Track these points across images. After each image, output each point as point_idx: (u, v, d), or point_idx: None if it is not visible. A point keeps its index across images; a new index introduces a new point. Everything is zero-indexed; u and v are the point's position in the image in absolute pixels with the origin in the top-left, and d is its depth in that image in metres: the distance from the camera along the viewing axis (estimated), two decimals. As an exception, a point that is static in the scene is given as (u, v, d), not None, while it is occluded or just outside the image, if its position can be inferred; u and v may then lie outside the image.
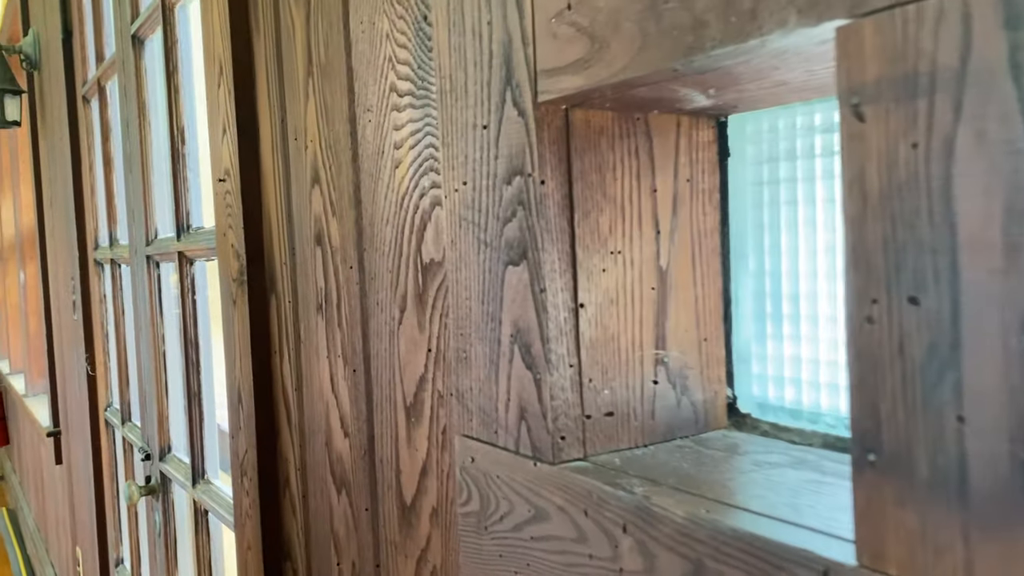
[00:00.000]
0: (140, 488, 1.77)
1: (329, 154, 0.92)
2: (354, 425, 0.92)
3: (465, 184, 0.64)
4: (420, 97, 0.74)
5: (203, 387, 1.56)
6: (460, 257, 0.65)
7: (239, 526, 1.21)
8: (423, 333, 0.77)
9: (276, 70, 1.04)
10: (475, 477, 0.65)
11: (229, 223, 1.16)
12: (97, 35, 2.13)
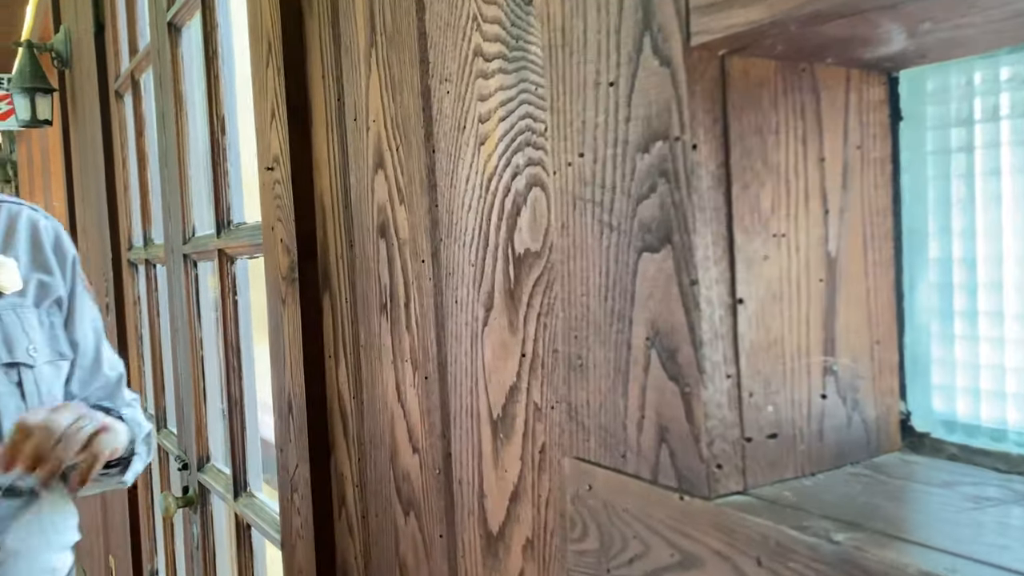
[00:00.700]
0: (177, 499, 1.68)
1: (396, 134, 0.82)
2: (425, 440, 0.81)
3: (582, 156, 0.53)
4: (514, 60, 0.63)
5: (244, 394, 1.46)
6: (574, 244, 0.54)
7: (288, 546, 1.11)
8: (515, 335, 0.66)
9: (332, 44, 0.94)
10: (593, 509, 0.54)
11: (278, 216, 1.06)
12: (130, 26, 2.05)
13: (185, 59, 1.62)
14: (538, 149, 0.61)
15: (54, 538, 1.04)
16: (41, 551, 1.01)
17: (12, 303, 1.01)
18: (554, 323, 0.61)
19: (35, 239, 1.07)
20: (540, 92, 0.60)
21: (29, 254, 1.06)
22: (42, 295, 1.05)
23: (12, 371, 0.97)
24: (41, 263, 1.07)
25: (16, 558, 0.97)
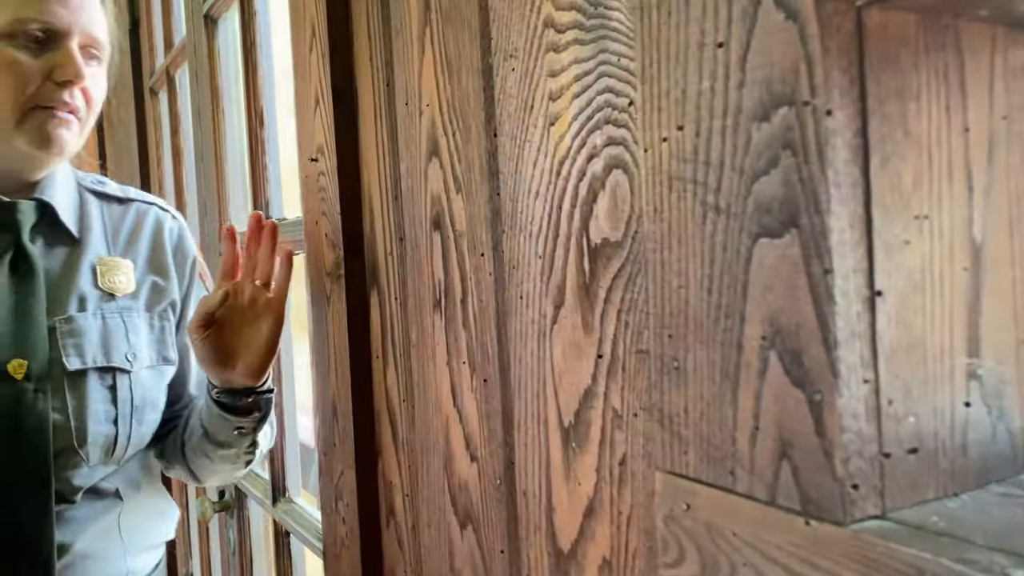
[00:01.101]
0: (213, 504, 1.64)
1: (453, 118, 0.76)
2: (484, 447, 0.75)
3: (681, 129, 0.46)
4: (592, 29, 0.57)
5: (284, 396, 1.41)
6: (669, 231, 0.48)
7: (332, 556, 1.05)
8: (590, 335, 0.60)
9: (381, 25, 0.88)
10: (691, 531, 0.48)
11: (323, 209, 1.01)
12: (165, 21, 2.02)
13: (222, 52, 1.59)
14: (620, 127, 0.55)
15: (134, 541, 1.01)
16: (116, 556, 0.98)
17: (122, 306, 0.99)
18: (638, 320, 0.54)
19: (157, 240, 1.06)
20: (623, 63, 0.54)
21: (148, 256, 1.05)
22: (155, 299, 1.04)
23: (107, 375, 0.95)
24: (158, 266, 1.05)
25: (86, 561, 0.95)
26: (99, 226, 1.03)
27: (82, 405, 0.93)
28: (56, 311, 0.95)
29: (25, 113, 0.90)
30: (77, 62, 0.91)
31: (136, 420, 0.98)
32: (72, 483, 0.94)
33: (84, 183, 1.06)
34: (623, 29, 0.54)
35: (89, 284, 0.98)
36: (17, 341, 0.91)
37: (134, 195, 1.09)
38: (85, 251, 1.00)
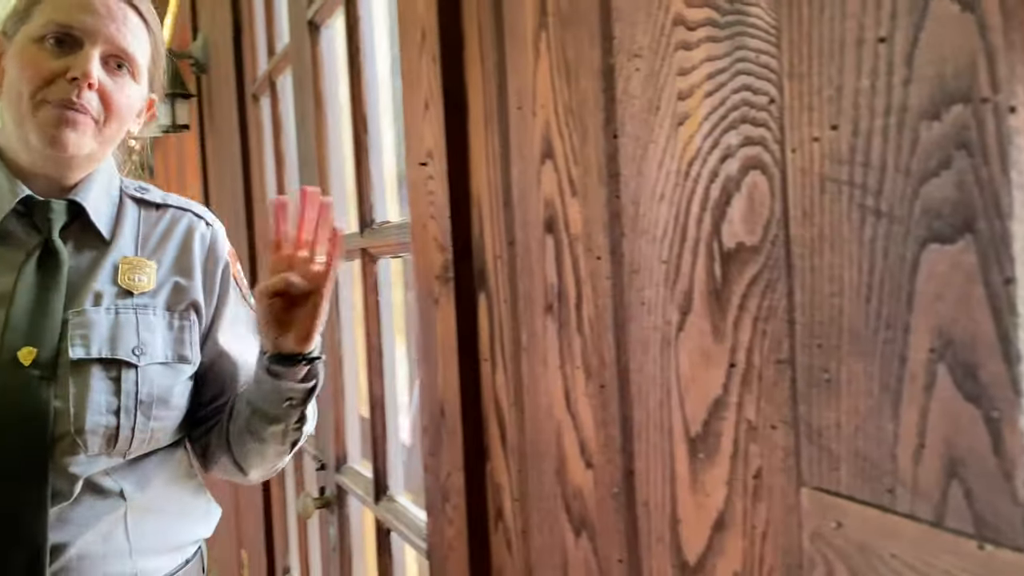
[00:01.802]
0: (315, 500, 1.67)
1: (569, 119, 0.75)
2: (601, 454, 0.74)
3: (835, 129, 0.44)
4: (726, 25, 0.55)
5: (386, 395, 1.43)
6: (820, 235, 0.46)
7: (439, 557, 1.06)
8: (721, 343, 0.58)
9: (493, 29, 0.88)
10: (842, 550, 0.45)
11: (431, 213, 1.01)
12: (268, 28, 2.07)
13: (325, 58, 1.62)
14: (759, 126, 0.53)
15: (145, 542, 1.01)
16: (119, 557, 0.98)
17: (138, 303, 1.02)
18: (778, 329, 0.52)
19: (186, 244, 1.09)
20: (763, 60, 0.52)
21: (174, 258, 1.07)
22: (176, 299, 1.06)
23: (111, 367, 0.97)
24: (184, 268, 1.08)
25: (83, 562, 0.95)
26: (131, 229, 1.06)
27: (82, 393, 0.95)
28: (73, 305, 0.98)
29: (37, 106, 0.94)
30: (90, 63, 0.95)
31: (142, 414, 0.99)
32: (69, 471, 0.94)
33: (127, 190, 1.09)
34: (763, 25, 0.52)
35: (107, 281, 1.01)
36: (31, 331, 0.95)
37: (172, 201, 1.12)
38: (112, 251, 1.03)
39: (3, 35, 0.99)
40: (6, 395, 0.92)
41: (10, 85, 0.96)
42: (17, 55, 0.96)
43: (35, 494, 0.92)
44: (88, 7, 0.96)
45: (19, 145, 0.99)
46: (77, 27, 0.95)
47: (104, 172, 1.05)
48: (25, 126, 0.96)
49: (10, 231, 0.98)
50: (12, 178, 0.99)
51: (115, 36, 0.97)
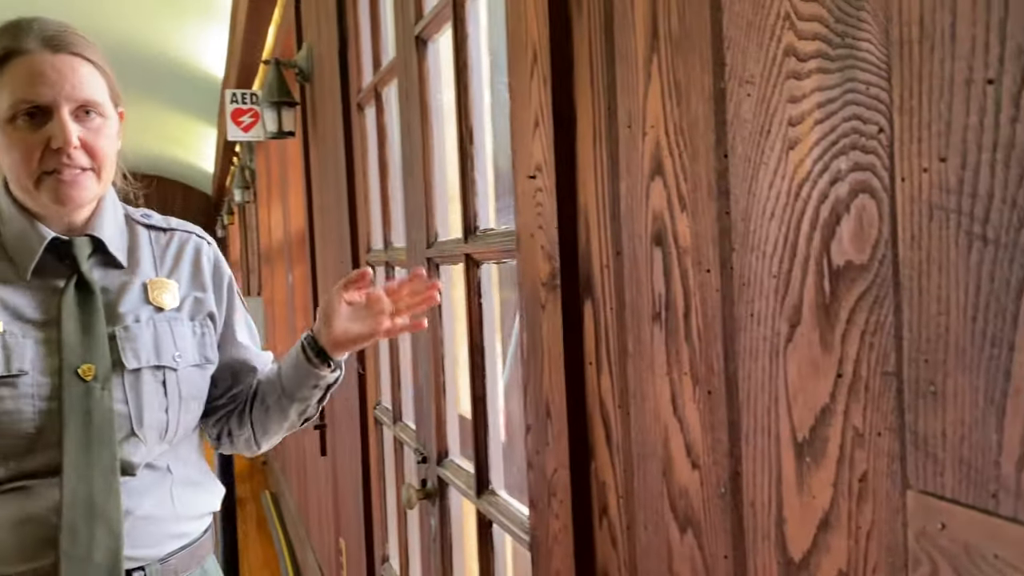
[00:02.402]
0: (418, 492, 1.76)
1: (679, 140, 0.80)
2: (707, 456, 0.78)
3: (943, 161, 0.48)
4: (837, 58, 0.59)
5: (488, 393, 1.50)
6: (928, 258, 0.49)
7: (544, 550, 1.12)
8: (829, 354, 0.62)
9: (603, 52, 0.93)
10: (947, 550, 0.49)
11: (539, 223, 1.07)
12: (374, 42, 2.18)
13: (432, 71, 1.70)
14: (868, 153, 0.57)
15: (184, 509, 1.21)
16: (169, 520, 1.19)
17: (168, 316, 1.21)
18: (885, 343, 0.56)
19: (196, 263, 1.29)
20: (873, 92, 0.56)
21: (190, 275, 1.27)
22: (196, 310, 1.26)
23: (159, 372, 1.17)
24: (199, 283, 1.28)
25: (147, 524, 1.15)
26: (147, 253, 1.24)
27: (139, 397, 1.14)
28: (115, 322, 1.16)
29: (38, 180, 1.10)
30: (66, 129, 1.08)
31: (184, 409, 1.20)
32: (133, 460, 1.14)
33: (133, 216, 1.27)
34: (874, 60, 0.55)
35: (141, 301, 1.19)
36: (85, 349, 1.12)
37: (175, 225, 1.30)
38: (136, 273, 1.21)
39: None
40: (76, 405, 1.09)
41: (3, 160, 1.12)
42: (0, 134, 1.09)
43: (110, 483, 1.11)
44: (43, 78, 1.08)
45: (31, 202, 1.14)
46: (40, 100, 1.08)
47: (109, 203, 1.22)
48: (33, 195, 1.12)
49: (45, 266, 1.15)
50: (33, 221, 1.15)
51: (75, 92, 1.10)
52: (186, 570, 1.21)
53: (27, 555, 1.09)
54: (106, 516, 1.10)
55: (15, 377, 1.08)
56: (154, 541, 1.16)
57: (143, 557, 1.14)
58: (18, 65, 1.08)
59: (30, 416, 1.08)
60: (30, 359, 1.09)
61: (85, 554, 1.08)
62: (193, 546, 1.23)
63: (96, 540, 1.09)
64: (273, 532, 5.90)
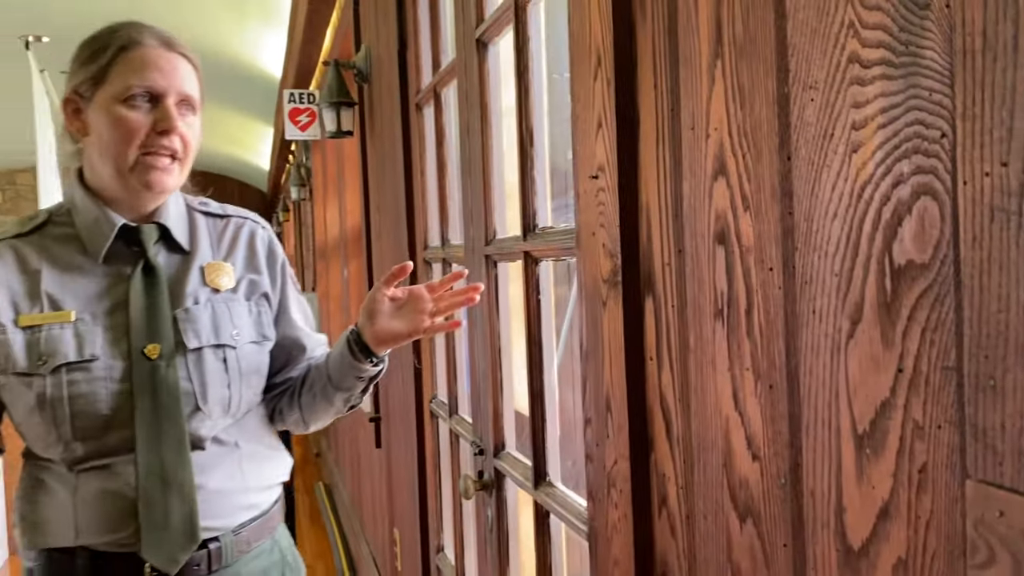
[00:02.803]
0: (475, 483, 1.80)
1: (743, 142, 0.82)
2: (768, 448, 0.81)
3: (1005, 166, 0.50)
4: (901, 66, 0.61)
5: (545, 387, 1.54)
6: (988, 258, 0.52)
7: (603, 538, 1.15)
8: (890, 350, 0.64)
9: (667, 56, 0.96)
10: (1005, 537, 0.51)
11: (601, 222, 1.11)
12: (434, 44, 2.23)
13: (491, 73, 1.74)
14: (930, 157, 0.59)
15: (253, 481, 1.28)
16: (240, 492, 1.26)
17: (225, 297, 1.29)
18: (945, 339, 0.58)
19: (251, 246, 1.37)
20: (936, 98, 0.58)
21: (245, 258, 1.35)
22: (252, 291, 1.33)
23: (219, 350, 1.24)
24: (253, 266, 1.35)
25: (219, 496, 1.23)
26: (206, 237, 1.32)
27: (202, 374, 1.22)
28: (177, 304, 1.23)
29: (136, 162, 1.19)
30: (173, 115, 1.19)
31: (245, 384, 1.27)
32: (201, 434, 1.22)
33: (192, 205, 1.35)
34: (937, 68, 0.58)
35: (199, 283, 1.27)
36: (151, 329, 1.20)
37: (231, 211, 1.39)
38: (195, 258, 1.29)
39: (78, 96, 1.22)
40: (144, 383, 1.18)
41: (103, 140, 1.20)
42: (105, 113, 1.19)
43: (181, 454, 1.18)
44: (157, 66, 1.20)
45: (115, 185, 1.22)
46: (154, 86, 1.19)
47: (175, 195, 1.30)
48: (126, 174, 1.20)
49: (115, 253, 1.24)
50: (105, 209, 1.23)
51: (182, 86, 1.22)
52: (258, 540, 1.28)
53: (110, 527, 1.17)
54: (179, 486, 1.17)
55: (88, 362, 1.16)
56: (226, 512, 1.23)
57: (217, 528, 1.22)
58: (136, 54, 1.19)
59: (104, 398, 1.16)
60: (101, 344, 1.18)
61: (163, 522, 1.16)
62: (264, 517, 1.30)
63: (172, 509, 1.17)
64: (327, 524, 6.02)
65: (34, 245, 1.22)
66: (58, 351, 1.15)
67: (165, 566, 1.17)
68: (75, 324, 1.17)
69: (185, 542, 1.17)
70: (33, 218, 1.26)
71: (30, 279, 1.20)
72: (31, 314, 1.17)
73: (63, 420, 1.14)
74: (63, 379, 1.14)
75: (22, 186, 13.07)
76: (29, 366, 1.15)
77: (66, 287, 1.20)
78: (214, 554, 1.21)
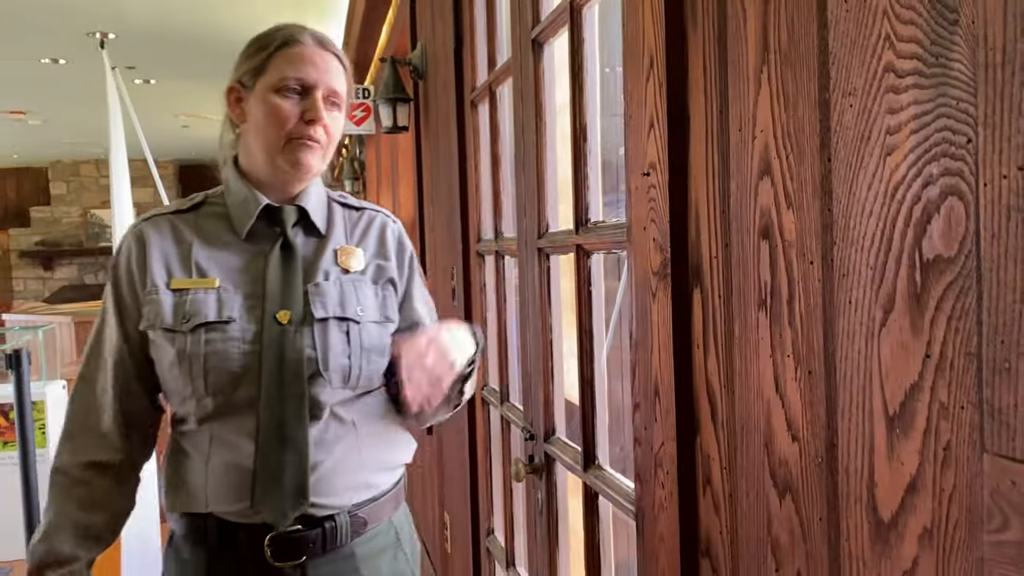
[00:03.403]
0: (526, 466, 1.88)
1: (787, 143, 0.88)
2: (807, 429, 0.87)
3: (1021, 170, 0.56)
4: (931, 76, 0.67)
5: (596, 375, 1.61)
6: (1005, 254, 0.57)
7: (649, 517, 1.22)
8: (918, 337, 0.70)
9: (716, 60, 1.02)
10: (1016, 504, 0.57)
11: (651, 217, 1.17)
12: (489, 43, 2.30)
13: (546, 73, 1.81)
14: (957, 160, 0.64)
15: (371, 461, 1.35)
16: (356, 470, 1.33)
17: (353, 278, 1.39)
18: (968, 327, 0.64)
19: (382, 236, 1.48)
20: (963, 107, 0.63)
21: (375, 246, 1.46)
22: (379, 275, 1.44)
23: (343, 323, 1.34)
24: (382, 254, 1.46)
25: (334, 474, 1.30)
26: (341, 225, 1.44)
27: (326, 343, 1.31)
28: (309, 279, 1.34)
29: (285, 142, 1.31)
30: (320, 107, 1.32)
31: (365, 359, 1.34)
32: (320, 399, 1.29)
33: (332, 196, 1.48)
34: (963, 79, 0.63)
35: (331, 263, 1.38)
36: (284, 298, 1.31)
37: (366, 205, 1.52)
38: (330, 241, 1.40)
39: (240, 85, 1.36)
40: (272, 344, 1.29)
41: (258, 124, 1.34)
42: (262, 101, 1.32)
43: (299, 413, 1.27)
44: (311, 61, 1.33)
45: (265, 167, 1.35)
46: (306, 79, 1.32)
47: (316, 183, 1.43)
48: (275, 155, 1.33)
49: (258, 231, 1.36)
50: (253, 190, 1.37)
51: (331, 82, 1.34)
52: (376, 522, 1.35)
53: (234, 497, 1.27)
54: (295, 442, 1.26)
55: (225, 323, 1.28)
56: (341, 491, 1.31)
57: (333, 506, 1.29)
58: (294, 50, 1.32)
59: (236, 356, 1.27)
60: (238, 309, 1.30)
61: (276, 475, 1.25)
62: (383, 499, 1.37)
63: (286, 464, 1.26)
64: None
65: (189, 221, 1.37)
66: (200, 312, 1.28)
67: (276, 520, 1.24)
68: (218, 290, 1.30)
69: (295, 498, 1.25)
70: (192, 199, 1.42)
71: (183, 249, 1.34)
72: (181, 279, 1.31)
73: (198, 374, 1.26)
74: (201, 337, 1.27)
75: (85, 177, 13.55)
76: (174, 323, 1.28)
77: (213, 258, 1.33)
78: (329, 534, 1.28)
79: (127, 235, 1.37)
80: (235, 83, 1.36)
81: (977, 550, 0.63)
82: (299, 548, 1.26)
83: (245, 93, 1.35)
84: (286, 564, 1.26)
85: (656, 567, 1.20)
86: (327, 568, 1.29)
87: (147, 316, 1.31)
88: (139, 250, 1.34)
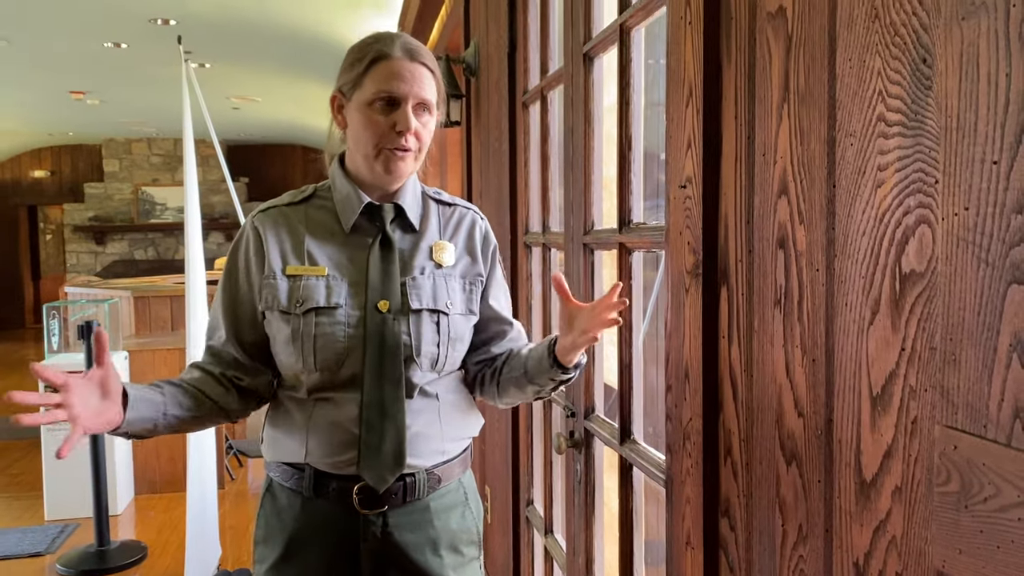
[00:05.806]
0: (567, 440, 2.08)
1: (801, 170, 1.06)
2: (810, 408, 1.05)
3: (967, 210, 0.74)
4: (911, 128, 0.84)
5: (633, 359, 1.79)
6: (955, 272, 0.75)
7: (677, 483, 1.41)
8: (896, 334, 0.88)
9: (747, 94, 1.20)
10: (957, 463, 0.75)
11: (687, 223, 1.35)
12: (542, 50, 2.48)
13: (596, 84, 1.99)
14: (928, 196, 0.82)
15: (448, 431, 1.53)
16: (437, 438, 1.52)
17: (445, 272, 1.55)
18: (931, 327, 0.82)
19: (470, 233, 1.63)
20: (933, 155, 0.81)
21: (464, 243, 1.62)
22: (467, 270, 1.60)
23: (434, 315, 1.51)
24: (470, 249, 1.62)
25: (418, 439, 1.49)
26: (436, 221, 1.57)
27: (419, 331, 1.47)
28: (406, 273, 1.49)
29: (379, 152, 1.45)
30: (408, 118, 1.45)
31: (451, 347, 1.51)
32: (412, 381, 1.47)
33: (428, 192, 1.62)
34: (934, 133, 0.81)
35: (426, 258, 1.53)
36: (384, 289, 1.47)
37: (459, 202, 1.66)
38: (425, 236, 1.54)
39: (341, 95, 1.52)
40: (375, 330, 1.47)
41: (355, 133, 1.50)
42: (358, 113, 1.47)
43: (398, 392, 1.47)
44: (401, 76, 1.46)
45: (365, 169, 1.52)
46: (396, 92, 1.45)
47: (412, 181, 1.58)
48: (371, 162, 1.49)
49: (360, 225, 1.53)
50: (356, 189, 1.53)
51: (420, 92, 1.47)
52: (448, 480, 1.55)
53: (332, 451, 1.46)
54: (393, 416, 1.46)
55: (333, 309, 1.46)
56: (424, 454, 1.50)
57: (416, 466, 1.49)
58: (385, 65, 1.45)
59: (341, 339, 1.45)
60: (344, 296, 1.48)
61: (377, 445, 1.44)
62: (453, 461, 1.56)
63: (386, 435, 1.45)
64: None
65: (301, 213, 1.53)
66: (311, 297, 1.44)
67: (375, 482, 1.43)
68: (326, 278, 1.47)
69: (393, 464, 1.44)
70: (303, 192, 1.57)
71: (296, 239, 1.50)
72: (295, 266, 1.48)
73: (308, 352, 1.44)
74: (312, 320, 1.44)
75: (137, 155, 13.98)
76: (289, 306, 1.45)
77: (321, 249, 1.49)
78: (409, 487, 1.47)
79: (245, 226, 1.54)
80: (337, 92, 1.51)
81: (932, 502, 0.81)
82: (383, 498, 1.46)
83: (344, 103, 1.49)
84: (370, 512, 1.46)
85: (683, 526, 1.39)
86: (405, 518, 1.49)
87: (265, 299, 1.47)
88: (256, 241, 1.51)
